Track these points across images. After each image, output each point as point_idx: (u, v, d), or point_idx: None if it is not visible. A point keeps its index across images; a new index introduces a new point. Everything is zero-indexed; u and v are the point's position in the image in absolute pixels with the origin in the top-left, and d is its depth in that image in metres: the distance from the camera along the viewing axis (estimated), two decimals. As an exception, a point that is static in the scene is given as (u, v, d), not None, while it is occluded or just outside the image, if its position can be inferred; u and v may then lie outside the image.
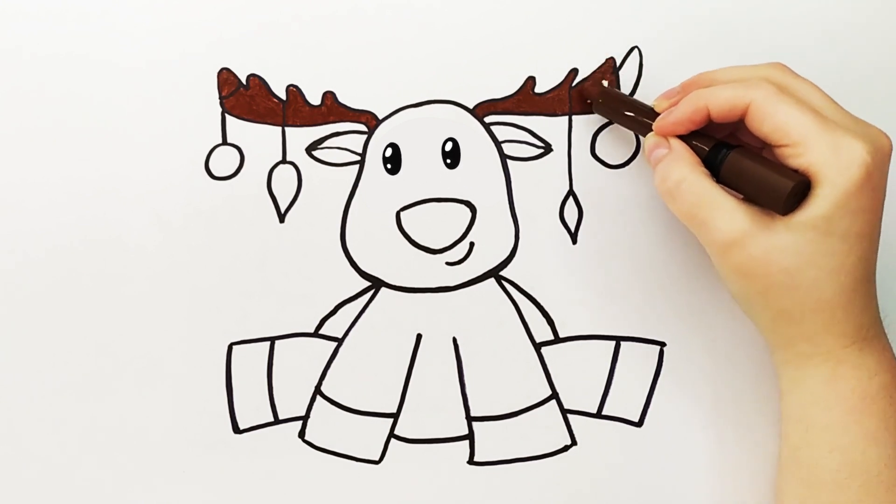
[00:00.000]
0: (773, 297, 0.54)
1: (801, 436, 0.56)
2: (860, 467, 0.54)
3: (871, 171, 0.51)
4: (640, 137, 0.60)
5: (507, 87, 0.60)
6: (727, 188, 0.54)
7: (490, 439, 0.62)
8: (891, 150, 0.53)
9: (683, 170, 0.54)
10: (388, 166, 0.59)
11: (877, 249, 0.54)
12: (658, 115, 0.56)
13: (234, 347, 0.60)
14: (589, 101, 0.60)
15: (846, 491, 0.55)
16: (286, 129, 0.59)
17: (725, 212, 0.53)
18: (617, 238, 0.61)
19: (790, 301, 0.53)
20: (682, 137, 0.56)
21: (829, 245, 0.52)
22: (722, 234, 0.53)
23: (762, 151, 0.56)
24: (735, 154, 0.54)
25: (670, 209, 0.55)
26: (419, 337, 0.61)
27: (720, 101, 0.54)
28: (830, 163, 0.51)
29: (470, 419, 0.61)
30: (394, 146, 0.59)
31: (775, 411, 0.62)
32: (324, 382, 0.61)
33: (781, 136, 0.52)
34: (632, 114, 0.58)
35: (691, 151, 0.55)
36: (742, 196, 0.54)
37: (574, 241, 0.61)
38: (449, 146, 0.59)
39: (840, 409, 0.55)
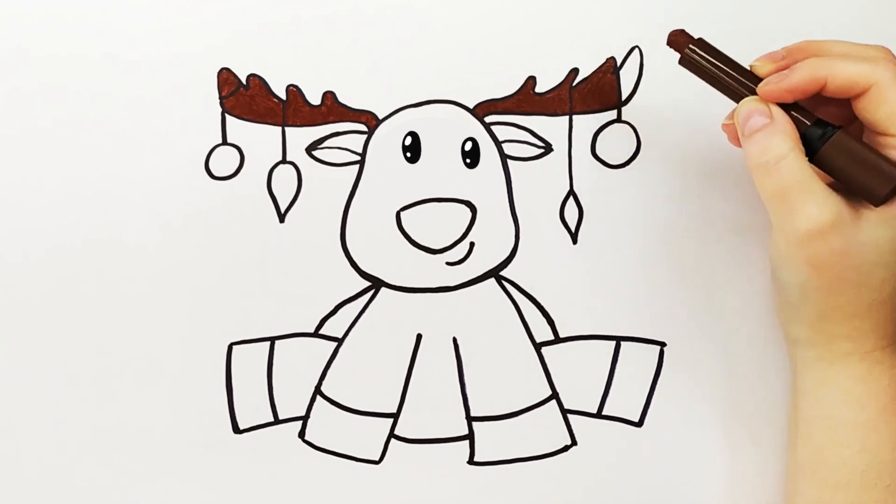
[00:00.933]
0: (836, 293, 0.52)
1: (827, 434, 0.55)
2: (889, 467, 0.54)
3: None
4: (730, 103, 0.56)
5: (507, 87, 0.60)
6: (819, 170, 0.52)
7: (490, 439, 0.62)
8: None
9: (785, 145, 0.51)
10: (408, 154, 0.59)
11: None
12: (757, 78, 0.53)
13: (234, 347, 0.60)
14: (677, 51, 0.55)
15: (872, 491, 0.54)
16: (286, 129, 0.59)
17: (818, 199, 0.51)
18: (617, 238, 0.61)
19: (851, 298, 0.52)
20: (784, 105, 0.53)
21: None
22: (809, 222, 0.51)
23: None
24: (841, 134, 0.51)
25: (756, 183, 0.52)
26: (419, 337, 0.61)
27: (844, 75, 0.51)
28: None
29: (470, 419, 0.61)
30: (413, 135, 0.59)
31: (776, 411, 0.62)
32: (324, 382, 0.61)
33: (892, 124, 0.51)
34: (727, 71, 0.54)
35: (793, 125, 0.52)
36: (834, 179, 0.52)
37: (574, 241, 0.61)
38: (469, 146, 0.59)
39: (873, 407, 0.54)
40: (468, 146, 0.59)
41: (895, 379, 0.54)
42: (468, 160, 0.60)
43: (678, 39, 0.55)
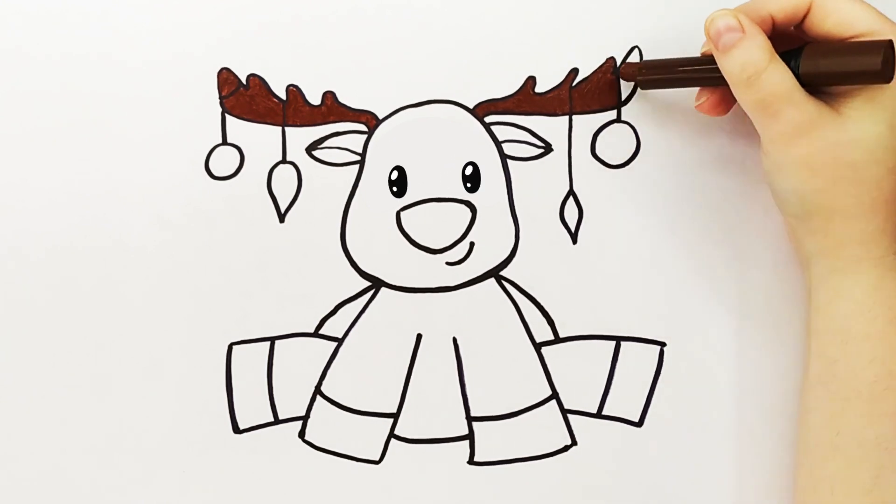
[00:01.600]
0: (834, 193, 0.53)
1: (840, 348, 0.56)
2: None
3: None
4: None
5: (507, 87, 0.60)
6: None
7: (490, 439, 0.62)
8: None
9: (763, 58, 0.52)
10: (394, 189, 0.59)
11: None
12: (711, 60, 0.55)
13: (234, 347, 0.60)
14: (634, 83, 0.59)
15: (881, 403, 0.55)
16: (286, 129, 0.59)
17: (801, 101, 0.52)
18: (617, 238, 0.61)
19: (852, 198, 0.53)
20: None
21: (894, 142, 0.53)
22: (795, 123, 0.52)
23: None
24: (812, 44, 0.53)
25: (738, 96, 0.54)
26: (419, 337, 0.61)
27: (783, 3, 0.54)
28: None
29: (470, 419, 0.61)
30: (399, 169, 0.59)
31: (775, 411, 0.62)
32: (324, 382, 0.61)
33: (846, 28, 0.53)
34: (686, 68, 0.57)
35: (764, 34, 0.53)
36: (825, 86, 0.54)
37: (574, 241, 0.61)
38: (469, 170, 0.59)
39: (883, 318, 0.55)
40: (469, 171, 0.60)
41: None
42: (469, 184, 0.60)
43: (628, 72, 0.59)
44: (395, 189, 0.59)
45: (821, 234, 0.55)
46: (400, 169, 0.59)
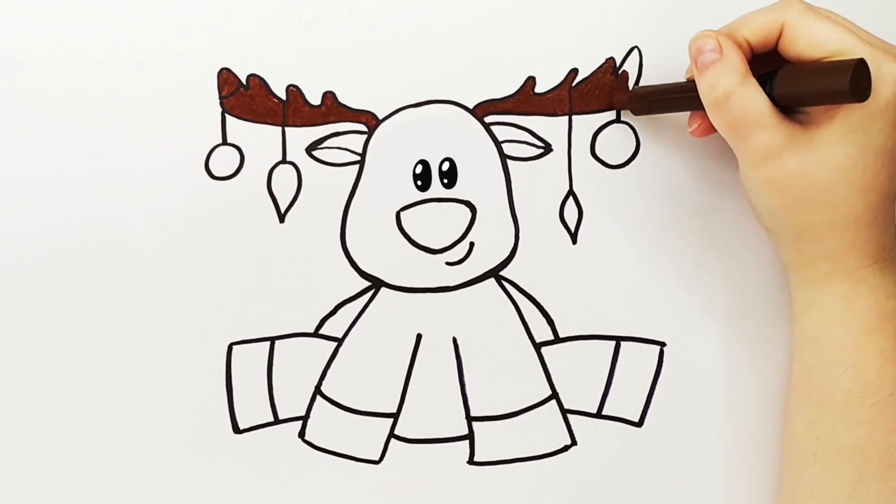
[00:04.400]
0: (802, 212, 0.54)
1: (815, 355, 0.56)
2: (873, 386, 0.55)
3: None
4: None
5: (507, 87, 0.60)
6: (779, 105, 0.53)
7: (490, 439, 0.62)
8: None
9: (734, 80, 0.53)
10: (419, 183, 0.59)
11: None
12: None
13: (234, 347, 0.60)
14: (626, 108, 0.60)
15: (858, 410, 0.55)
16: (286, 129, 0.59)
17: (769, 126, 0.53)
18: (617, 238, 0.61)
19: (819, 216, 0.54)
20: None
21: (864, 161, 0.53)
22: (763, 146, 0.53)
23: None
24: (786, 68, 0.53)
25: (710, 117, 0.55)
26: (419, 337, 0.61)
27: (755, 28, 0.54)
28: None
29: (470, 419, 0.61)
30: (423, 163, 0.59)
31: (775, 411, 0.62)
32: (324, 382, 0.61)
33: (817, 49, 0.53)
34: (674, 95, 0.58)
35: (743, 57, 0.54)
36: (801, 107, 0.54)
37: (574, 241, 0.61)
38: (446, 166, 0.59)
39: (856, 328, 0.55)
40: (445, 166, 0.60)
41: (879, 300, 0.55)
42: (445, 180, 0.60)
43: (619, 99, 0.60)
44: (419, 183, 0.59)
45: (793, 249, 0.56)
46: (424, 163, 0.59)
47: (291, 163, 0.59)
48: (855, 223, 0.54)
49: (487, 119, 0.60)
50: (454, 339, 0.61)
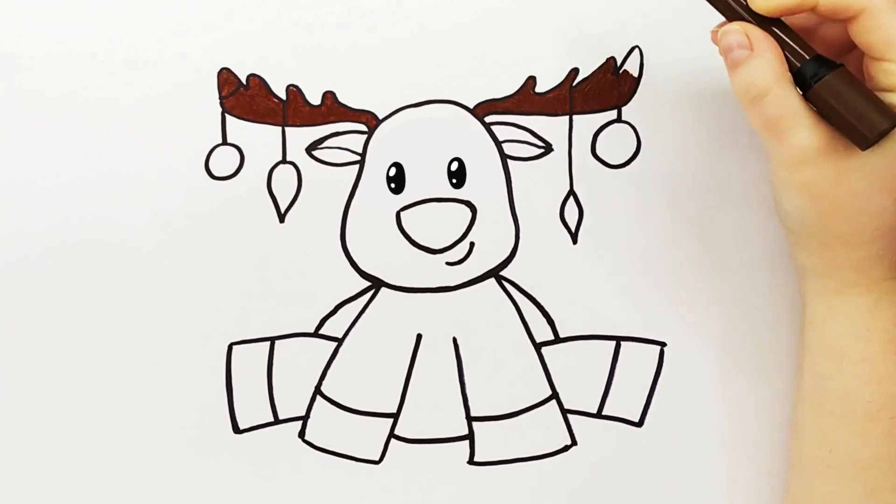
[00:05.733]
0: (835, 220, 0.53)
1: (835, 366, 0.55)
2: (894, 400, 0.54)
3: None
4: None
5: (507, 87, 0.60)
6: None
7: (490, 439, 0.62)
8: None
9: (769, 79, 0.51)
10: (392, 185, 0.59)
11: None
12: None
13: (234, 347, 0.60)
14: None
15: (877, 423, 0.54)
16: (286, 129, 0.59)
17: (807, 127, 0.51)
18: (617, 238, 0.61)
19: (851, 226, 0.53)
20: (780, 34, 0.52)
21: None
22: (798, 149, 0.51)
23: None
24: (832, 77, 0.51)
25: (745, 114, 0.53)
26: (419, 337, 0.61)
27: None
28: None
29: (470, 419, 0.61)
30: (397, 165, 0.59)
31: (775, 411, 0.62)
32: (324, 382, 0.61)
33: (887, 50, 0.51)
34: None
35: (780, 54, 0.52)
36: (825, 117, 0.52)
37: (574, 241, 0.61)
38: (455, 166, 0.59)
39: (880, 340, 0.54)
40: (454, 166, 0.60)
41: None
42: (454, 180, 0.60)
43: None
44: (392, 185, 0.59)
45: (817, 255, 0.55)
46: (398, 165, 0.59)
47: (291, 163, 0.59)
48: (885, 235, 0.53)
49: (488, 119, 0.60)
50: (454, 339, 0.61)
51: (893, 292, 0.54)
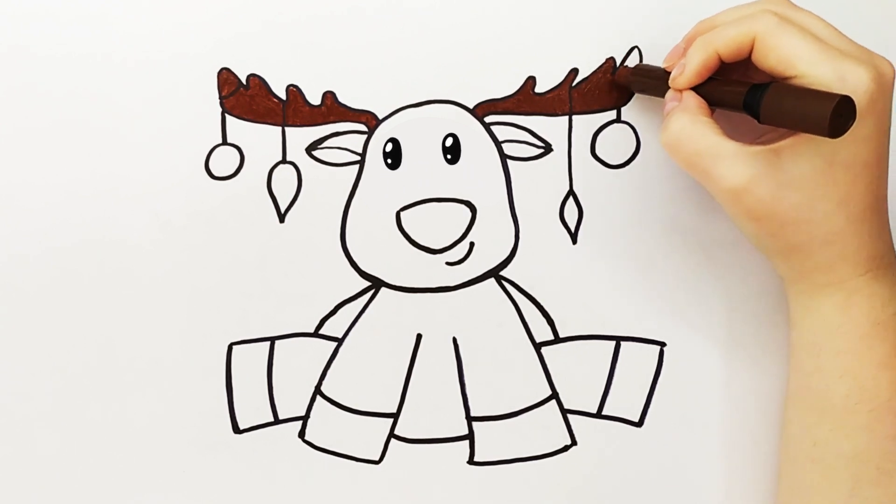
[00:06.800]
0: (785, 235, 0.54)
1: (813, 362, 0.57)
2: (870, 393, 0.55)
3: (875, 98, 0.51)
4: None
5: (507, 87, 0.60)
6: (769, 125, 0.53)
7: (490, 439, 0.62)
8: (895, 76, 0.53)
9: (683, 120, 0.53)
10: (389, 161, 0.59)
11: (885, 177, 0.55)
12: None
13: (234, 347, 0.60)
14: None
15: (855, 416, 0.55)
16: (286, 129, 0.59)
17: (726, 159, 0.52)
18: (617, 238, 0.61)
19: (802, 235, 0.54)
20: (715, 86, 0.55)
21: (834, 175, 0.52)
22: (727, 182, 0.53)
23: None
24: (770, 94, 0.52)
25: (676, 162, 0.55)
26: (419, 337, 0.61)
27: (726, 41, 0.53)
28: (835, 91, 0.50)
29: (470, 419, 0.62)
30: (394, 141, 0.59)
31: (774, 411, 0.62)
32: (324, 382, 0.61)
33: (787, 67, 0.52)
34: (653, 81, 0.58)
35: (699, 101, 0.54)
36: (784, 130, 0.53)
37: (574, 241, 0.61)
38: (449, 141, 0.59)
39: (853, 335, 0.55)
40: (449, 142, 0.59)
41: (875, 307, 0.55)
42: (448, 156, 0.60)
43: (621, 75, 0.59)
44: (389, 161, 0.59)
45: (784, 265, 0.57)
46: (394, 141, 0.59)
47: (291, 163, 0.59)
48: (839, 236, 0.54)
49: (487, 119, 0.60)
50: (454, 339, 0.61)
51: (863, 289, 0.55)
